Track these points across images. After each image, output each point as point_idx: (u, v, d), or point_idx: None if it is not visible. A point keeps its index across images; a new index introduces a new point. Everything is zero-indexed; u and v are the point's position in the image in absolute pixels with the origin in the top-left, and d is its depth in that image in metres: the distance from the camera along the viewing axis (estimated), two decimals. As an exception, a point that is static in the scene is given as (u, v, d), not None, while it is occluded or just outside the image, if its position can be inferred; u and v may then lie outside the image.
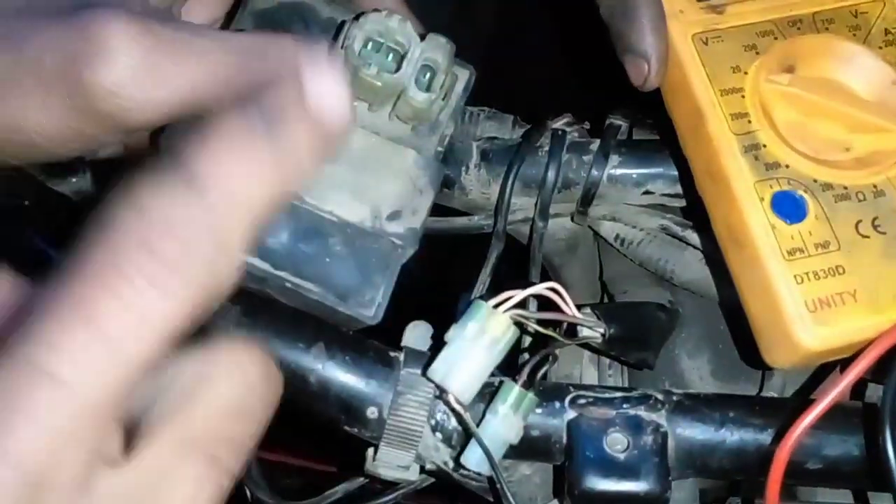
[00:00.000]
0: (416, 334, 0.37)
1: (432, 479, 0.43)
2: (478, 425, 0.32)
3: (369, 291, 0.33)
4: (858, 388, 0.34)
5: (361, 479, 0.44)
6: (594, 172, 0.41)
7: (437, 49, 0.33)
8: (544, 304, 0.34)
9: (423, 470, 0.35)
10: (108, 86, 0.26)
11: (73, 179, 0.37)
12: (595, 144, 0.42)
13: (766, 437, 0.32)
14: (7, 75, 0.26)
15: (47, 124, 0.27)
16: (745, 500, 0.36)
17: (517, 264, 0.44)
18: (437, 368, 0.31)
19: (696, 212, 0.40)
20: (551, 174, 0.41)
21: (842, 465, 0.31)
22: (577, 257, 0.46)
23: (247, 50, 0.28)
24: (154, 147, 0.33)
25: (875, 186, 0.32)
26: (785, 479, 0.30)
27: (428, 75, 0.34)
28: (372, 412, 0.33)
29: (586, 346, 0.36)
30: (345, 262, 0.33)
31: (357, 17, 0.33)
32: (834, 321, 0.30)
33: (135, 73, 0.26)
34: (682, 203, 0.42)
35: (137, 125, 0.28)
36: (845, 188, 0.32)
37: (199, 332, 0.32)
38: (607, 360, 0.41)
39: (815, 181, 0.32)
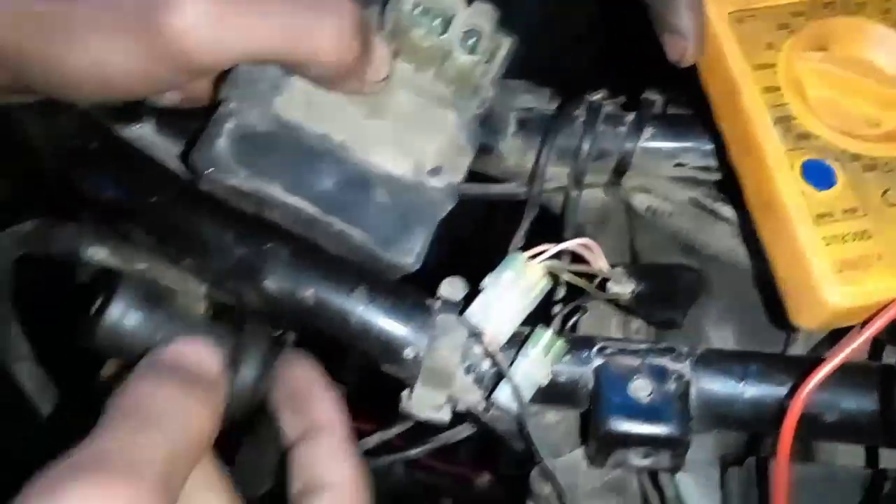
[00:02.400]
0: (451, 288, 0.39)
1: (462, 436, 0.45)
2: (509, 367, 0.33)
3: (410, 240, 0.35)
4: (876, 351, 0.36)
5: (394, 431, 0.46)
6: (628, 144, 0.43)
7: (483, 15, 0.35)
8: (577, 261, 0.36)
9: (454, 412, 0.37)
10: (180, 29, 0.28)
11: (136, 126, 0.39)
12: (630, 117, 0.43)
13: (784, 392, 0.33)
14: (92, 20, 0.29)
15: (124, 65, 0.29)
16: (762, 459, 0.37)
17: (549, 234, 0.46)
18: (474, 312, 0.33)
19: (729, 185, 0.42)
20: (586, 144, 0.43)
21: (857, 419, 0.33)
22: (608, 228, 0.47)
23: (305, 1, 0.30)
24: (215, 96, 0.35)
25: (902, 159, 0.34)
26: (801, 431, 0.32)
27: (472, 40, 0.36)
28: (408, 353, 0.35)
29: (615, 303, 0.37)
30: (388, 212, 0.35)
31: (408, -18, 0.35)
32: (859, 282, 0.31)
33: (204, 19, 0.29)
34: (713, 176, 0.44)
35: (203, 67, 0.30)
36: (873, 159, 0.34)
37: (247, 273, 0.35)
38: (633, 326, 0.43)
39: (844, 152, 0.34)
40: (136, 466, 0.23)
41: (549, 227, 0.46)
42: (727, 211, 0.43)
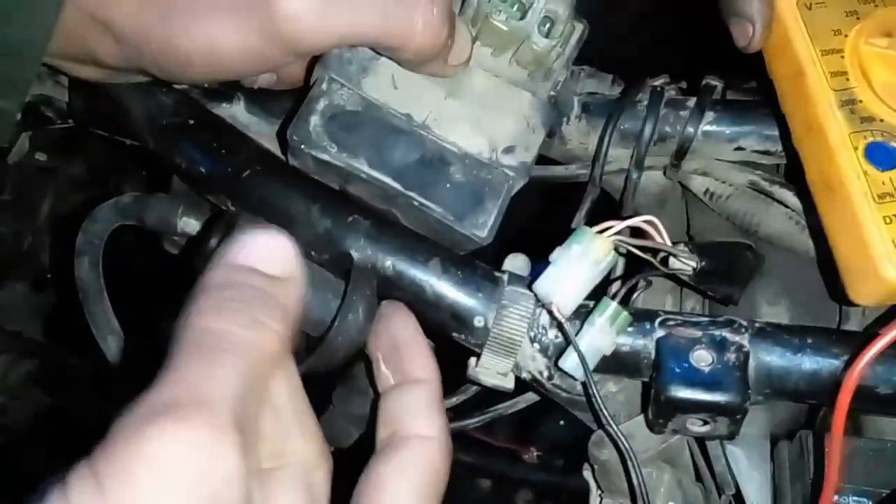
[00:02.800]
0: (515, 264, 0.41)
1: (518, 408, 0.48)
2: (576, 335, 0.35)
3: (483, 215, 0.37)
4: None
5: (454, 400, 0.48)
6: (689, 128, 0.44)
7: (560, 1, 0.37)
8: (640, 238, 0.38)
9: (518, 381, 0.39)
10: (291, 12, 0.31)
11: (228, 105, 0.42)
12: (691, 102, 0.45)
13: (839, 364, 0.35)
14: (210, 3, 0.32)
15: (236, 45, 0.32)
16: (814, 433, 0.39)
17: (608, 216, 0.48)
18: (543, 283, 0.35)
19: (791, 170, 0.43)
20: (648, 127, 0.44)
21: (912, 391, 0.34)
22: (666, 211, 0.49)
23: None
24: (307, 78, 0.38)
25: (963, 141, 0.35)
26: (856, 403, 0.33)
27: (549, 25, 0.38)
28: (479, 321, 0.37)
29: (676, 278, 0.39)
30: (463, 188, 0.37)
31: (490, -30, 0.37)
32: None
33: (313, 2, 0.31)
34: (772, 160, 0.45)
35: (309, 49, 0.33)
36: None
37: (332, 243, 0.37)
38: (689, 306, 0.44)
39: None
40: (210, 404, 0.21)
41: (607, 209, 0.48)
42: (783, 194, 0.44)
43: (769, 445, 0.41)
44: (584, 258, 0.35)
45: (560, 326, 0.36)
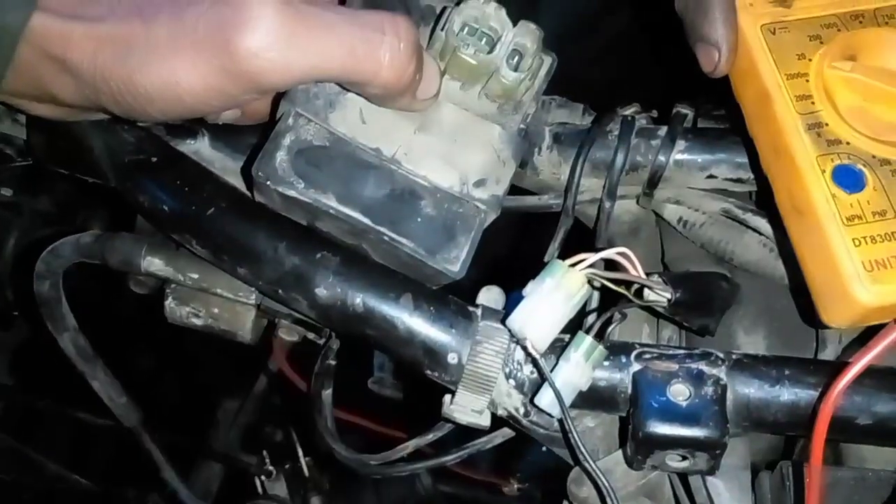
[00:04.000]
0: (489, 296, 0.41)
1: (496, 443, 0.47)
2: (551, 371, 0.35)
3: (455, 249, 0.37)
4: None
5: (431, 437, 0.47)
6: (661, 157, 0.44)
7: (528, 35, 0.37)
8: (613, 270, 0.37)
9: (494, 418, 0.39)
10: (253, 49, 0.30)
11: (192, 141, 0.41)
12: (662, 131, 0.45)
13: (818, 395, 0.34)
14: (168, 41, 0.31)
15: (195, 82, 0.31)
16: (794, 463, 0.38)
17: (582, 247, 0.47)
18: (516, 318, 0.35)
19: (762, 195, 0.43)
20: (620, 157, 0.44)
21: (891, 421, 0.34)
22: (640, 240, 0.49)
23: (367, 25, 0.32)
24: (273, 113, 0.37)
25: (929, 163, 0.35)
26: (836, 434, 0.33)
27: (517, 58, 0.38)
28: (452, 358, 0.37)
29: (651, 310, 0.39)
30: (434, 222, 0.37)
31: (457, 4, 0.37)
32: (889, 280, 0.33)
33: (275, 40, 0.30)
34: (744, 188, 0.45)
35: (272, 86, 0.32)
36: None
37: (299, 281, 0.36)
38: (666, 336, 0.44)
39: (874, 157, 0.35)
40: None
41: (581, 238, 0.48)
42: (757, 221, 0.44)
43: (750, 476, 0.40)
44: (557, 292, 0.35)
45: (535, 363, 0.35)
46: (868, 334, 0.39)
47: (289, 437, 0.81)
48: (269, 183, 0.35)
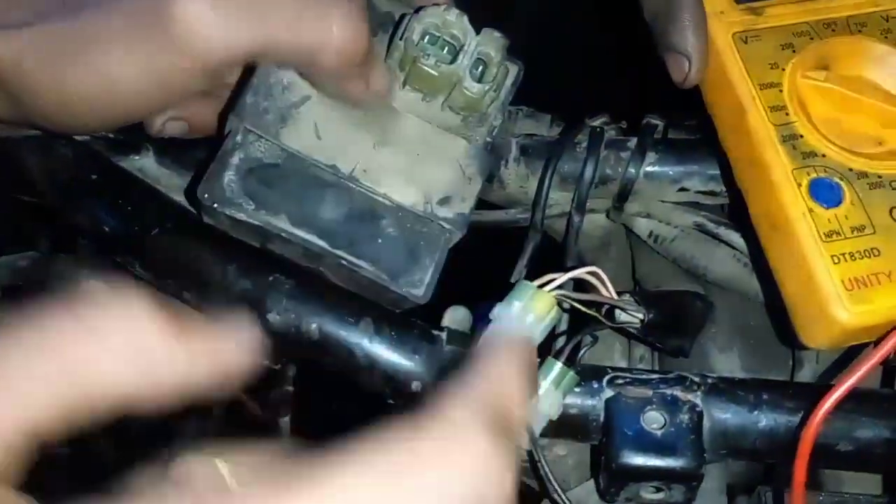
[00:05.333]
0: (455, 317, 0.39)
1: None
2: (520, 400, 0.33)
3: (419, 272, 0.34)
4: (888, 377, 0.35)
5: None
6: (631, 169, 0.42)
7: (492, 43, 0.35)
8: (583, 290, 0.36)
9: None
10: (190, 16, 0.28)
11: (137, 157, 0.38)
12: (632, 142, 0.43)
13: (798, 420, 0.33)
14: (98, 31, 0.28)
15: (132, 76, 0.29)
16: (773, 488, 0.37)
17: (551, 260, 0.46)
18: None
19: (735, 209, 0.42)
20: (589, 169, 0.42)
21: (874, 448, 0.32)
22: (611, 255, 0.47)
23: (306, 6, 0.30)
24: (220, 129, 0.35)
25: (908, 176, 0.34)
26: (817, 460, 0.31)
27: (481, 68, 0.36)
28: (416, 386, 0.35)
29: (624, 331, 0.37)
30: (396, 244, 0.34)
31: (417, 11, 0.35)
32: (869, 299, 0.31)
33: (214, 7, 0.28)
34: (717, 201, 0.44)
35: (215, 62, 0.30)
36: (879, 177, 0.34)
37: (250, 307, 0.34)
38: (638, 355, 0.42)
39: (851, 170, 0.34)
40: None
41: (550, 253, 0.46)
42: (730, 235, 0.42)
43: (726, 500, 0.39)
44: (525, 316, 0.33)
45: (502, 391, 0.33)
46: (848, 352, 0.38)
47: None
48: (216, 205, 0.33)
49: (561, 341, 0.36)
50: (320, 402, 0.47)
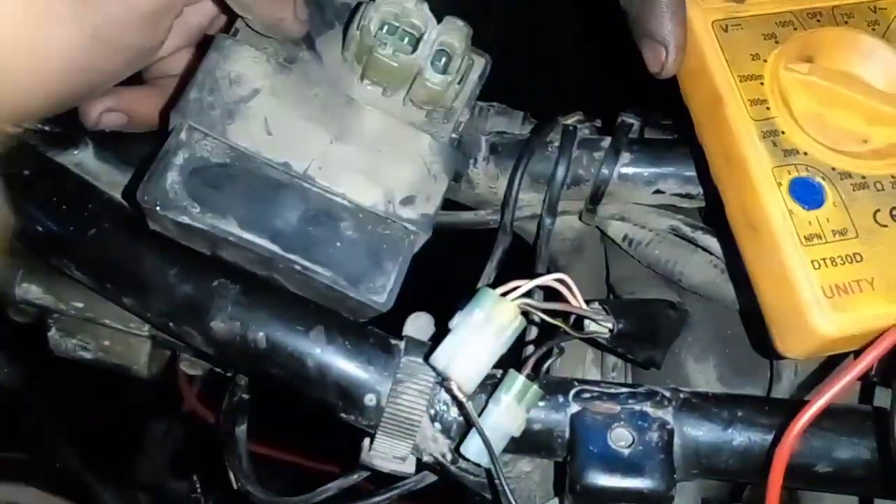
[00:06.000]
0: (418, 325, 0.36)
1: (429, 481, 0.43)
2: (479, 415, 0.31)
3: (381, 277, 0.32)
4: (867, 392, 0.34)
5: (356, 477, 0.43)
6: (604, 170, 0.40)
7: (454, 32, 0.33)
8: (551, 297, 0.34)
9: (419, 463, 0.35)
10: None
11: (75, 152, 0.36)
12: (606, 142, 0.41)
13: (773, 438, 0.31)
14: (17, 5, 0.26)
15: (53, 47, 0.26)
16: (748, 506, 0.35)
17: (522, 264, 0.44)
18: (441, 355, 0.31)
19: (711, 212, 0.40)
20: (561, 170, 0.40)
21: (853, 468, 0.31)
22: (584, 258, 0.45)
23: None
24: (163, 122, 0.33)
25: (893, 177, 0.32)
26: (794, 481, 0.30)
27: (444, 59, 0.33)
28: (370, 399, 0.33)
29: (593, 342, 0.35)
30: (356, 247, 0.32)
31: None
32: (850, 308, 0.29)
33: None
34: (693, 204, 0.42)
35: (146, 6, 0.27)
36: (863, 177, 0.32)
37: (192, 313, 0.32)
38: (610, 363, 0.40)
39: (834, 169, 0.32)
40: None
41: (522, 256, 0.44)
42: (707, 240, 0.40)
43: (700, 518, 0.37)
44: (486, 326, 0.31)
45: (461, 406, 0.31)
46: (828, 363, 0.36)
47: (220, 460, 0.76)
48: (158, 208, 0.30)
49: (527, 351, 0.34)
50: (277, 410, 0.44)
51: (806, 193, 0.32)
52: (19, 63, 0.26)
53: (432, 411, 0.33)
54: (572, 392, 0.32)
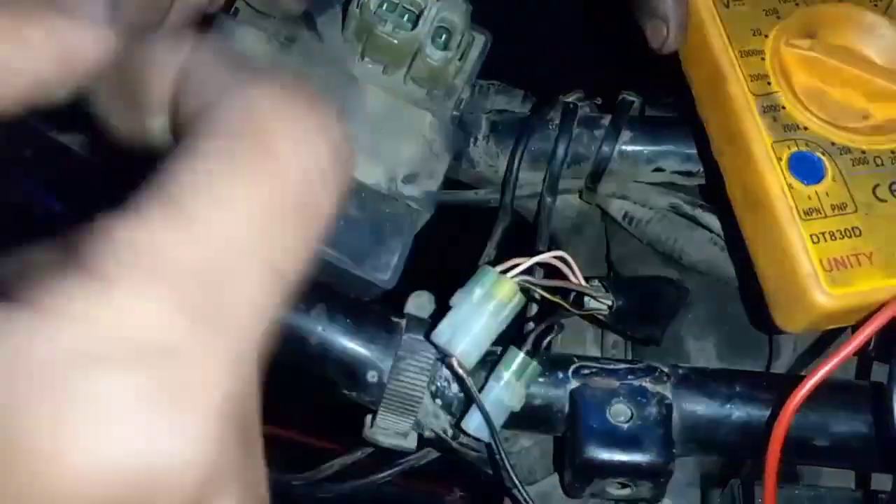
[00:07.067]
0: (419, 304, 0.37)
1: (431, 458, 0.43)
2: (480, 391, 0.31)
3: (384, 255, 0.32)
4: (864, 368, 0.34)
5: (359, 454, 0.43)
6: (605, 147, 0.40)
7: (454, 8, 0.33)
8: (551, 275, 0.34)
9: (421, 439, 0.35)
10: None
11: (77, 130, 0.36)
12: (607, 119, 0.41)
13: (771, 413, 0.31)
14: None
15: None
16: (745, 482, 0.36)
17: (523, 242, 0.44)
18: (442, 331, 0.31)
19: (711, 190, 0.40)
20: (561, 148, 0.40)
21: (850, 442, 0.31)
22: (584, 236, 0.45)
23: None
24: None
25: (893, 152, 0.32)
26: (792, 456, 0.30)
27: (444, 36, 0.33)
28: (372, 376, 0.33)
29: (592, 318, 0.35)
30: (360, 226, 0.32)
31: (373, -23, 0.33)
32: (849, 282, 0.30)
33: None
34: (693, 181, 0.42)
35: None
36: (863, 152, 0.32)
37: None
38: (611, 341, 0.41)
39: (833, 144, 0.32)
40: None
41: (523, 234, 0.44)
42: (708, 218, 0.40)
43: (699, 493, 0.37)
44: (486, 303, 0.31)
45: (461, 382, 0.31)
46: (826, 339, 0.36)
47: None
48: None
49: (528, 328, 0.34)
50: (278, 388, 0.45)
51: (805, 168, 0.32)
52: None
53: (433, 387, 0.33)
54: (572, 368, 0.32)
